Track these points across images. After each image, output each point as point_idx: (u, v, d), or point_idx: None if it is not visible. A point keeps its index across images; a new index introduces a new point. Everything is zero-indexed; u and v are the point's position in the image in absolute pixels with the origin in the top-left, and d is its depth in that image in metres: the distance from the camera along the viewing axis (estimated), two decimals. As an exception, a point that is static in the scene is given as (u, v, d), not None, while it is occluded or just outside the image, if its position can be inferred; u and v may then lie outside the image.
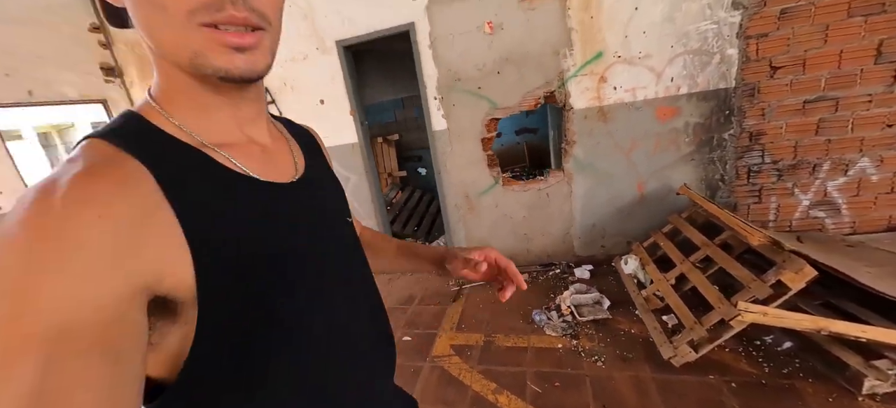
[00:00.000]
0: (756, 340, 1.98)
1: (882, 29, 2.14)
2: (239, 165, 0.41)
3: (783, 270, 1.65)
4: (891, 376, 1.54)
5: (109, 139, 0.35)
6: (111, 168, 0.32)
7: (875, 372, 1.56)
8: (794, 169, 2.49)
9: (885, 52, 2.17)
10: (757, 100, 2.40)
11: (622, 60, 2.49)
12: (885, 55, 2.18)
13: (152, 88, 0.40)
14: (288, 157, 0.51)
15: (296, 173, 0.49)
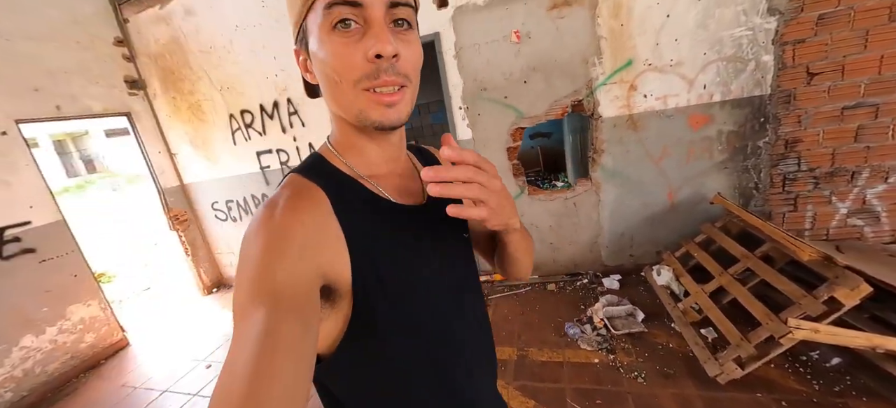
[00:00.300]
0: (802, 355, 1.92)
1: (925, 33, 2.08)
2: (383, 192, 0.54)
3: (837, 287, 1.60)
4: (954, 397, 1.49)
5: (303, 174, 0.51)
6: (305, 193, 0.48)
7: (936, 392, 1.51)
8: (832, 177, 2.43)
9: (929, 57, 2.12)
10: (793, 107, 2.35)
11: (653, 68, 2.45)
12: (929, 60, 2.12)
13: (330, 136, 0.56)
14: (418, 183, 0.61)
15: (423, 199, 0.58)
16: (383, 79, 0.44)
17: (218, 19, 3.29)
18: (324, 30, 0.44)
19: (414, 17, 0.47)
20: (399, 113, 0.46)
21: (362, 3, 0.42)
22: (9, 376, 2.66)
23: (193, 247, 4.11)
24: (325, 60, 0.45)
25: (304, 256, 0.42)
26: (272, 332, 0.35)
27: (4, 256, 2.71)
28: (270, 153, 3.58)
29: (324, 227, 0.46)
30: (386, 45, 0.42)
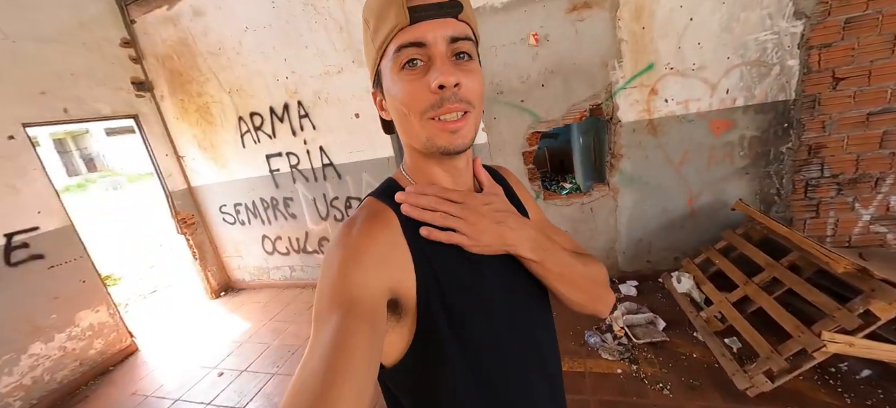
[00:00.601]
0: (831, 367, 1.89)
1: (955, 38, 2.04)
2: None
3: (873, 300, 1.57)
4: None
5: (378, 197, 0.57)
6: (378, 214, 0.53)
7: (977, 408, 1.47)
8: (855, 183, 2.39)
9: (958, 62, 2.07)
10: (817, 112, 2.31)
11: (675, 72, 2.41)
12: (958, 65, 2.08)
13: (403, 163, 0.61)
14: None
15: None
16: (447, 107, 0.48)
17: (227, 20, 3.23)
18: (394, 70, 0.49)
19: (474, 50, 0.51)
20: (463, 137, 0.50)
21: (426, 43, 0.46)
22: (18, 385, 2.62)
23: (201, 250, 4.07)
24: (396, 96, 0.50)
25: (375, 270, 0.47)
26: (346, 335, 0.40)
27: (12, 262, 2.67)
28: (280, 156, 3.54)
29: (394, 246, 0.51)
30: (448, 76, 0.46)
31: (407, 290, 0.51)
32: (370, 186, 3.36)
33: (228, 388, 2.55)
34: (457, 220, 0.52)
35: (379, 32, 0.49)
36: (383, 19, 0.47)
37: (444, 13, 0.47)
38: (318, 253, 3.81)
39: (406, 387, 0.56)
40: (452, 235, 0.52)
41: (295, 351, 2.84)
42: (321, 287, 0.47)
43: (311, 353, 0.40)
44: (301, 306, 3.55)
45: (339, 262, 0.47)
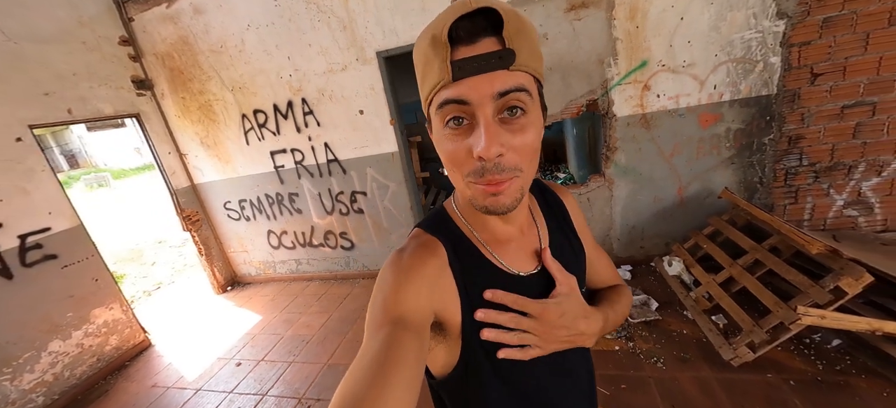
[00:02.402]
0: (805, 337, 2.10)
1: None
2: (497, 259, 0.58)
3: (842, 277, 1.76)
4: (944, 373, 1.66)
5: (426, 229, 0.59)
6: (428, 244, 0.56)
7: (929, 369, 1.68)
8: (831, 171, 2.59)
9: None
10: (797, 105, 2.49)
11: (666, 69, 2.55)
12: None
13: (455, 197, 0.63)
14: (534, 243, 0.63)
15: (537, 265, 0.61)
16: (487, 178, 0.46)
17: (229, 18, 3.26)
18: (438, 124, 0.48)
19: (530, 100, 0.46)
20: (508, 200, 0.48)
21: (469, 102, 0.44)
22: (40, 381, 2.70)
23: (206, 246, 4.14)
24: (440, 149, 0.50)
25: (422, 293, 0.50)
26: (395, 346, 0.43)
27: (28, 263, 2.72)
28: (285, 153, 3.61)
29: (440, 275, 0.54)
30: (488, 149, 0.43)
31: (451, 316, 0.54)
32: (375, 181, 3.47)
33: (248, 377, 2.68)
34: (531, 336, 0.54)
35: (425, 83, 0.48)
36: (428, 71, 0.46)
37: (492, 66, 0.43)
38: (324, 246, 3.92)
39: (454, 399, 0.60)
40: (526, 352, 0.55)
41: (308, 341, 2.97)
42: (373, 304, 0.50)
43: (361, 358, 0.43)
44: (309, 298, 3.67)
45: (391, 282, 0.50)
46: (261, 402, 2.42)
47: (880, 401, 1.70)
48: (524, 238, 0.62)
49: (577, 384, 0.65)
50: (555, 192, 0.73)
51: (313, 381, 2.51)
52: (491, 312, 0.54)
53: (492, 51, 0.43)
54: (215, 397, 2.55)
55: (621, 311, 0.72)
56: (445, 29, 0.42)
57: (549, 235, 0.65)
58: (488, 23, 0.43)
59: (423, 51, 0.46)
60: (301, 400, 2.36)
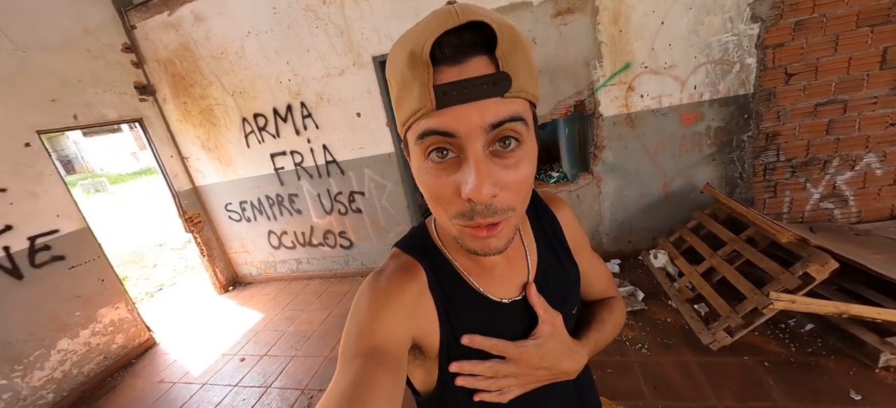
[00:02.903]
0: (781, 323, 2.22)
1: (887, 37, 2.35)
2: (479, 287, 0.55)
3: (810, 263, 1.88)
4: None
5: (404, 249, 0.57)
6: (407, 267, 0.54)
7: (889, 348, 1.81)
8: (806, 166, 2.72)
9: (890, 58, 2.39)
10: (773, 104, 2.62)
11: (649, 71, 2.68)
12: (890, 61, 2.39)
13: (434, 222, 0.60)
14: (521, 271, 0.59)
15: (519, 292, 0.58)
16: (477, 220, 0.41)
17: (229, 26, 3.37)
18: (418, 155, 0.41)
19: (524, 128, 0.40)
20: (500, 243, 0.43)
21: (456, 134, 0.37)
22: (50, 378, 2.79)
23: (208, 247, 4.23)
24: (421, 183, 0.44)
25: (399, 319, 0.48)
26: (365, 383, 0.41)
27: (37, 264, 2.81)
28: (284, 155, 3.71)
29: (419, 299, 0.51)
30: (479, 191, 0.38)
31: (430, 341, 0.52)
32: (372, 181, 3.58)
33: (252, 371, 2.78)
34: (509, 379, 0.53)
35: (401, 106, 0.41)
36: (405, 93, 0.39)
37: (483, 93, 0.36)
38: (323, 246, 4.02)
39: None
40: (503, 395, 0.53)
41: (310, 336, 3.07)
42: (348, 329, 0.48)
43: (331, 394, 0.41)
44: (310, 296, 3.77)
45: (367, 308, 0.48)
46: (265, 394, 2.52)
47: (847, 379, 1.83)
48: (510, 264, 0.58)
49: (563, 398, 0.62)
50: (548, 205, 0.67)
51: (316, 373, 2.61)
52: (466, 363, 0.52)
53: (483, 74, 0.36)
54: (221, 391, 2.65)
55: (611, 330, 0.69)
56: (428, 45, 0.35)
57: (539, 259, 0.61)
58: (479, 39, 0.36)
59: (399, 69, 0.39)
60: (304, 391, 2.46)
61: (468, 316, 0.54)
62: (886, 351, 1.81)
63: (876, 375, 1.81)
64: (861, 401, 1.70)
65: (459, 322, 0.53)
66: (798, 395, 1.79)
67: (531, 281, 0.58)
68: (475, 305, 0.54)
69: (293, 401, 2.40)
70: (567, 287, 0.63)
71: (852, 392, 1.75)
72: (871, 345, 1.86)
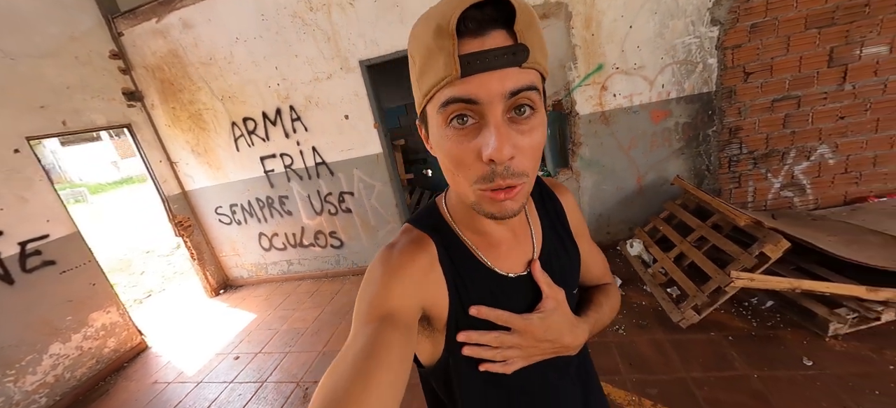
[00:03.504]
0: (744, 301, 2.40)
1: (832, 38, 2.58)
2: (487, 262, 0.58)
3: (765, 244, 2.07)
4: (848, 320, 1.98)
5: (416, 225, 0.60)
6: (418, 241, 0.56)
7: (837, 318, 2.00)
8: (767, 157, 2.93)
9: (836, 57, 2.62)
10: (734, 101, 2.83)
11: (620, 71, 2.86)
12: (836, 59, 2.63)
13: (448, 198, 0.62)
14: (526, 247, 0.62)
15: (524, 268, 0.61)
16: (497, 182, 0.44)
17: (217, 32, 3.44)
18: (441, 123, 0.45)
19: (539, 98, 0.44)
20: (516, 205, 0.46)
21: (478, 101, 0.41)
22: (42, 383, 2.80)
23: (198, 251, 4.26)
24: (443, 151, 0.47)
25: (410, 289, 0.51)
26: (379, 344, 0.43)
27: (28, 269, 2.83)
28: (274, 158, 3.79)
29: (430, 270, 0.54)
30: (501, 150, 0.41)
31: (439, 312, 0.54)
32: (361, 181, 3.68)
33: (247, 368, 2.84)
34: (514, 350, 0.55)
35: (425, 77, 0.44)
36: (430, 63, 0.42)
37: (504, 62, 0.40)
38: (314, 246, 4.10)
39: (440, 387, 0.62)
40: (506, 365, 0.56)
41: (303, 333, 3.15)
42: (361, 297, 0.51)
43: (346, 353, 0.43)
44: (302, 296, 3.84)
45: (380, 277, 0.51)
46: (261, 388, 2.59)
47: (800, 348, 2.01)
48: (516, 240, 0.61)
49: (564, 375, 0.64)
50: (552, 190, 0.71)
51: (310, 367, 2.70)
52: (473, 333, 0.54)
53: (504, 46, 0.40)
54: (217, 388, 2.70)
55: (608, 313, 0.72)
56: (454, 19, 0.38)
57: (543, 238, 0.65)
58: (498, 14, 0.40)
59: (425, 42, 0.42)
60: (299, 384, 2.55)
61: (475, 288, 0.56)
62: (834, 321, 2.00)
63: (826, 343, 2.00)
64: (812, 366, 1.88)
65: (467, 294, 0.55)
66: (757, 364, 1.96)
67: (536, 258, 0.61)
68: (482, 278, 0.57)
69: (289, 393, 2.48)
70: (568, 268, 0.66)
71: (805, 359, 1.93)
72: (822, 316, 2.04)
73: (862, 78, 2.63)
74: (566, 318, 0.59)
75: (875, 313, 1.98)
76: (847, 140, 2.80)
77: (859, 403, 1.66)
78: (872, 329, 2.00)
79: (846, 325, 1.98)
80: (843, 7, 2.51)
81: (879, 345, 1.91)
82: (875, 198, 2.90)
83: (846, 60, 2.62)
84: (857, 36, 2.55)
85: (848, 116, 2.74)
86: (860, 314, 2.00)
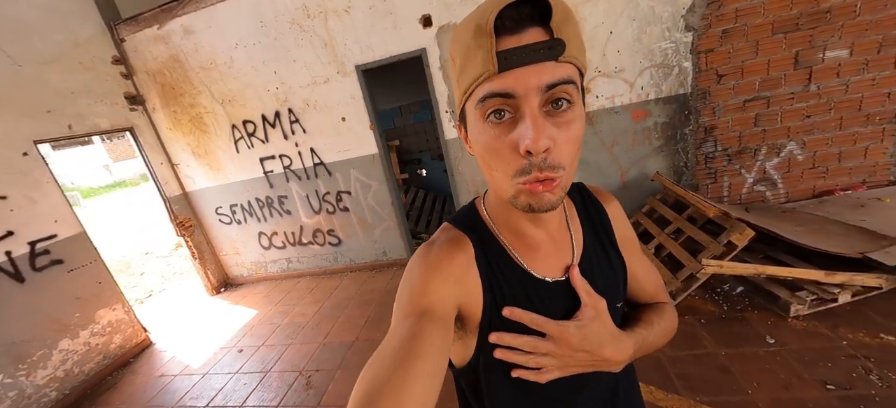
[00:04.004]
0: (717, 288, 2.59)
1: (797, 43, 2.78)
2: (524, 265, 0.57)
3: (732, 233, 2.25)
4: (808, 302, 2.17)
5: (455, 224, 0.61)
6: (456, 240, 0.57)
7: (797, 300, 2.18)
8: (740, 154, 3.13)
9: (801, 60, 2.82)
10: (708, 101, 3.02)
11: (602, 74, 3.04)
12: (801, 62, 2.82)
13: (487, 198, 0.62)
14: (566, 253, 0.60)
15: (563, 273, 0.59)
16: (534, 175, 0.44)
17: (217, 38, 3.57)
18: (479, 118, 0.46)
19: (576, 91, 0.44)
20: (553, 197, 0.46)
21: (515, 95, 0.42)
22: (52, 377, 2.91)
23: (199, 250, 4.38)
24: (481, 146, 0.48)
25: (447, 286, 0.52)
26: (419, 335, 0.44)
27: (37, 267, 2.94)
28: (274, 159, 3.92)
29: (468, 270, 0.55)
30: (537, 141, 0.42)
31: (473, 312, 0.54)
32: (358, 181, 3.83)
33: (251, 360, 2.98)
34: (548, 358, 0.53)
35: (465, 74, 0.45)
36: (469, 61, 0.44)
37: (540, 57, 0.41)
38: (313, 244, 4.24)
39: (471, 389, 0.62)
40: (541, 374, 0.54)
41: (304, 326, 3.29)
42: (401, 293, 0.52)
43: (387, 344, 0.44)
44: (302, 292, 3.97)
45: (419, 274, 0.52)
46: (265, 377, 2.73)
47: (765, 328, 2.19)
48: (555, 245, 0.60)
49: (601, 387, 0.62)
50: (596, 198, 0.69)
51: (311, 357, 2.84)
52: (505, 334, 0.53)
53: (540, 41, 0.41)
54: (222, 379, 2.84)
55: (659, 333, 0.65)
56: (492, 17, 0.40)
57: (584, 246, 0.62)
58: (535, 11, 0.41)
59: (465, 42, 0.44)
60: (302, 372, 2.69)
61: (510, 290, 0.55)
62: (795, 302, 2.19)
63: (788, 323, 2.18)
64: (773, 343, 2.06)
65: (502, 295, 0.55)
66: (724, 342, 2.14)
67: (575, 264, 0.59)
68: (518, 280, 0.56)
69: (292, 381, 2.62)
70: (611, 279, 0.63)
71: (768, 337, 2.11)
72: (784, 299, 2.23)
73: (825, 79, 2.84)
74: (607, 329, 0.56)
75: (832, 295, 2.17)
76: (814, 137, 3.00)
77: (812, 373, 1.84)
78: (831, 310, 2.19)
79: (806, 306, 2.17)
80: (806, 14, 2.71)
81: (835, 324, 2.10)
82: (841, 191, 3.10)
83: (811, 63, 2.81)
84: (820, 40, 2.75)
85: (814, 115, 2.94)
86: (818, 297, 2.19)
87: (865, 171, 3.04)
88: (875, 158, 2.99)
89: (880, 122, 2.89)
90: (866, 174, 3.05)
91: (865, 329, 2.02)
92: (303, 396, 2.46)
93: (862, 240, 2.35)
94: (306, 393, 2.47)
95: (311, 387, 2.52)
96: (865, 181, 3.06)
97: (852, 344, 1.95)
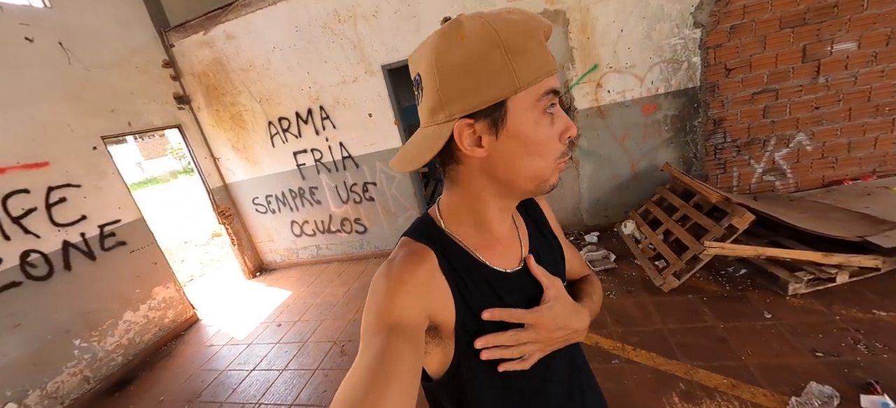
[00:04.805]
0: (721, 270, 2.74)
1: (805, 37, 2.88)
2: (481, 258, 0.61)
3: (733, 217, 2.41)
4: (805, 281, 2.31)
5: (413, 237, 0.61)
6: (417, 251, 0.57)
7: (795, 279, 2.33)
8: (749, 145, 3.25)
9: (809, 54, 2.92)
10: (717, 94, 3.15)
11: (613, 70, 3.22)
12: (809, 55, 2.93)
13: (441, 206, 0.63)
14: (517, 246, 0.66)
15: (519, 264, 0.64)
16: (568, 153, 0.55)
17: (256, 42, 3.91)
18: (538, 111, 0.50)
19: None
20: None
21: (560, 93, 0.52)
22: (118, 344, 3.32)
23: (238, 237, 4.77)
24: (533, 140, 0.51)
25: (414, 299, 0.52)
26: (389, 354, 0.45)
27: (105, 247, 3.35)
28: (306, 153, 4.25)
29: (431, 279, 0.55)
30: (575, 129, 0.53)
31: (446, 319, 0.56)
32: (383, 172, 4.11)
33: (289, 332, 3.31)
34: (530, 345, 0.58)
35: (525, 69, 0.47)
36: (529, 56, 0.47)
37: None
38: (341, 232, 4.56)
39: (450, 397, 0.62)
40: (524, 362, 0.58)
41: (335, 304, 3.60)
42: (367, 312, 0.52)
43: (357, 368, 0.45)
44: (331, 275, 4.30)
45: (384, 290, 0.52)
46: (303, 346, 3.05)
47: (763, 305, 2.34)
48: (508, 241, 0.65)
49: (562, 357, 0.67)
50: (535, 200, 0.78)
51: (343, 330, 3.14)
52: (490, 337, 0.56)
53: None
54: (265, 348, 3.17)
55: (597, 300, 0.76)
56: (543, 27, 0.50)
57: (530, 237, 0.69)
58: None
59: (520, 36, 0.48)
60: (336, 342, 2.99)
61: (477, 288, 0.58)
62: (793, 282, 2.33)
63: (786, 301, 2.33)
64: (770, 318, 2.22)
65: (471, 295, 0.57)
66: (724, 317, 2.31)
67: (529, 253, 0.65)
68: (482, 276, 0.59)
69: (328, 350, 2.93)
70: (555, 263, 0.71)
71: (765, 313, 2.27)
72: (783, 279, 2.38)
73: (834, 72, 2.93)
74: (569, 305, 0.62)
75: (829, 275, 2.31)
76: (822, 128, 3.09)
77: (803, 343, 2.00)
78: (829, 290, 2.32)
79: (803, 285, 2.32)
80: (813, 8, 2.81)
81: (831, 302, 2.24)
82: (851, 180, 3.19)
83: (818, 56, 2.92)
84: (827, 34, 2.85)
85: (822, 107, 3.04)
86: (816, 276, 2.33)
87: (875, 160, 3.11)
88: (885, 148, 3.06)
89: (890, 112, 2.96)
90: (876, 164, 3.12)
91: (859, 306, 2.16)
92: (338, 361, 2.76)
93: (863, 225, 2.47)
94: (341, 359, 2.77)
95: (344, 354, 2.82)
96: (875, 171, 3.14)
97: (845, 319, 2.10)
